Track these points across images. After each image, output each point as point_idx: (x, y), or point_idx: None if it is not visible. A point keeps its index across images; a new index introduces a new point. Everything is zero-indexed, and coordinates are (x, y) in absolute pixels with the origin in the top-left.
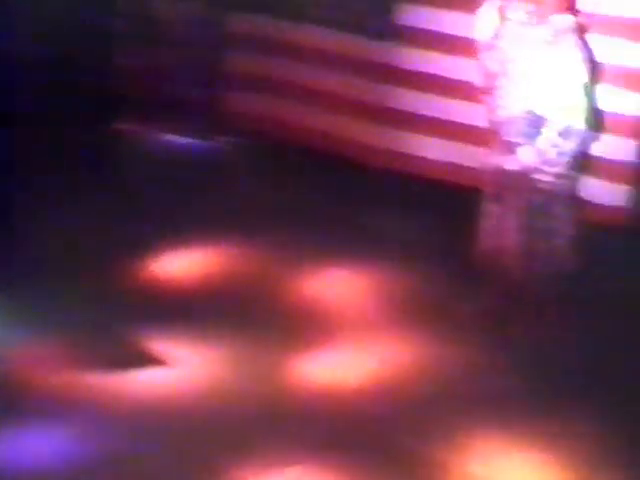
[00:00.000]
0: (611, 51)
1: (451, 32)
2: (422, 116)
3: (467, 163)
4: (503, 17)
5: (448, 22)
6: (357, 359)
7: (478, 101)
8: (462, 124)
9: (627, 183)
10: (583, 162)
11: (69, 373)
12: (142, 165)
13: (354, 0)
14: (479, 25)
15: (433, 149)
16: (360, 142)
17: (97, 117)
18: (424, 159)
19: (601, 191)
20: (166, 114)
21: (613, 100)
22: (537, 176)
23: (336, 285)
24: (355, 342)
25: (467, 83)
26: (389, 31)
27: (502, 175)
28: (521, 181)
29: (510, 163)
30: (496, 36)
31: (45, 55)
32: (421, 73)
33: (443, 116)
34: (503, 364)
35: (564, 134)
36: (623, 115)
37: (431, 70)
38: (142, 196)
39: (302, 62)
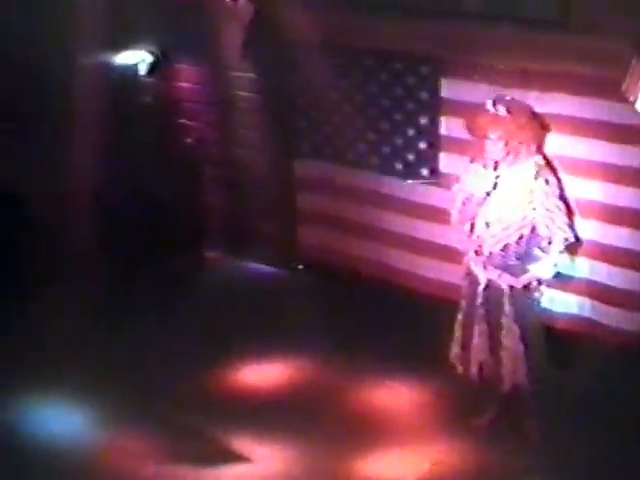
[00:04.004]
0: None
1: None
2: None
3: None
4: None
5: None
6: (406, 459)
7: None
8: None
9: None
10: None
11: (158, 466)
12: (225, 288)
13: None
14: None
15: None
16: (410, 272)
17: (186, 247)
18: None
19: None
20: (244, 244)
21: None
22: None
23: (390, 396)
24: (402, 444)
25: None
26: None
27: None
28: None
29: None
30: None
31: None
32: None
33: None
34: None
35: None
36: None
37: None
38: (225, 315)
39: (360, 201)
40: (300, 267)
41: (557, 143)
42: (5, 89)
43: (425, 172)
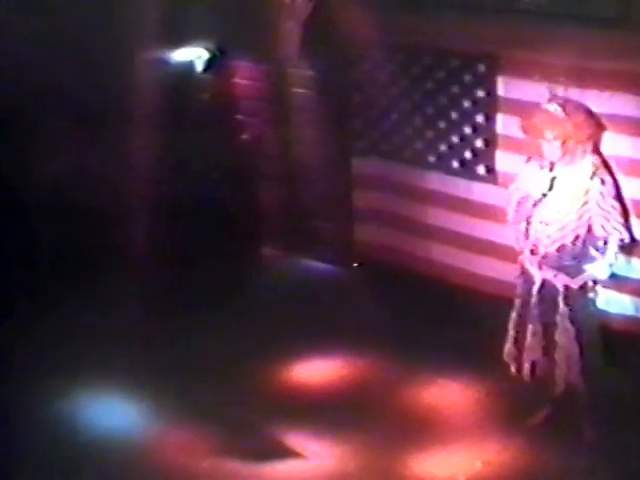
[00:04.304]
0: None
1: None
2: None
3: None
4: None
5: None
6: (458, 458)
7: None
8: None
9: None
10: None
11: (212, 462)
12: (282, 285)
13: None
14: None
15: None
16: (465, 270)
17: (243, 244)
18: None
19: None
20: (300, 242)
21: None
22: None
23: (443, 394)
24: (455, 442)
25: None
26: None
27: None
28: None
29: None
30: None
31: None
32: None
33: None
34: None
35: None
36: None
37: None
38: (281, 312)
39: (415, 199)
40: (356, 265)
41: (614, 143)
42: (63, 87)
43: (481, 170)
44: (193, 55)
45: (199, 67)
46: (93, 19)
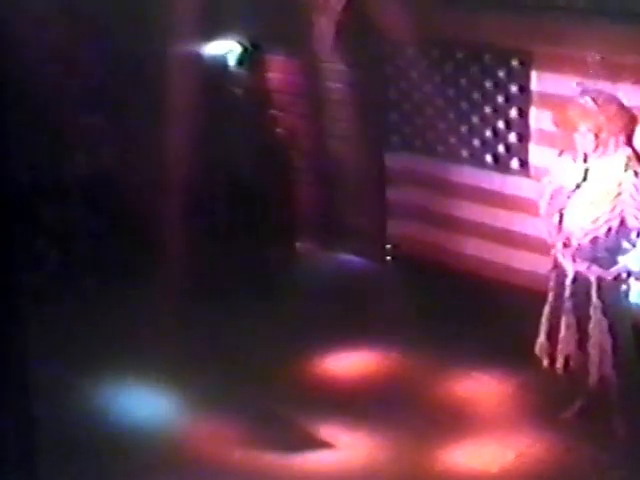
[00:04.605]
0: None
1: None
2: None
3: None
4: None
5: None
6: (490, 450)
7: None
8: None
9: None
10: None
11: (244, 452)
12: (316, 278)
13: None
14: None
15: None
16: (498, 264)
17: (277, 238)
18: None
19: None
20: (334, 236)
21: None
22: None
23: (475, 387)
24: (487, 436)
25: None
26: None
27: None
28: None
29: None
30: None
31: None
32: None
33: None
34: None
35: None
36: None
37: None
38: (314, 305)
39: (449, 194)
40: (389, 259)
41: None
42: (95, 82)
43: (515, 164)
44: (226, 49)
45: (232, 61)
46: (126, 13)
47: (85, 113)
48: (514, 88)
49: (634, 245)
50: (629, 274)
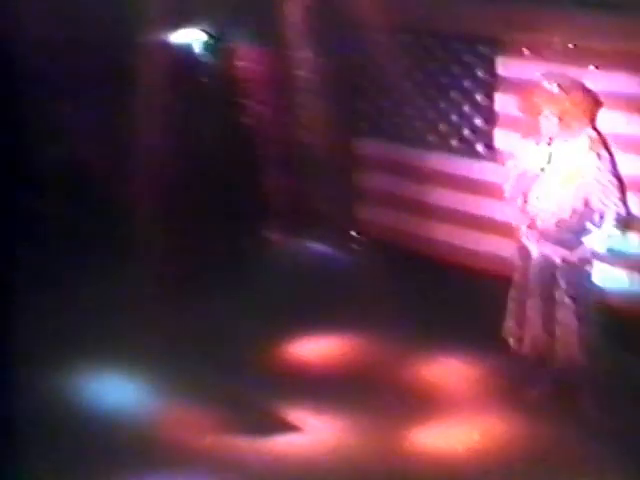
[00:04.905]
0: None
1: None
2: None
3: None
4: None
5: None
6: (457, 431)
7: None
8: None
9: None
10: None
11: (214, 437)
12: (285, 266)
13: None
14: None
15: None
16: (464, 248)
17: (247, 226)
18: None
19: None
20: (303, 224)
21: None
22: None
23: (442, 370)
24: (455, 417)
25: None
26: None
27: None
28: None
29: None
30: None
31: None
32: None
33: None
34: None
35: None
36: None
37: None
38: (283, 292)
39: (416, 179)
40: (356, 245)
41: (610, 121)
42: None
43: (480, 148)
44: (192, 38)
45: (198, 50)
46: (91, 1)
47: (50, 101)
48: (480, 73)
49: (598, 227)
50: (593, 255)
